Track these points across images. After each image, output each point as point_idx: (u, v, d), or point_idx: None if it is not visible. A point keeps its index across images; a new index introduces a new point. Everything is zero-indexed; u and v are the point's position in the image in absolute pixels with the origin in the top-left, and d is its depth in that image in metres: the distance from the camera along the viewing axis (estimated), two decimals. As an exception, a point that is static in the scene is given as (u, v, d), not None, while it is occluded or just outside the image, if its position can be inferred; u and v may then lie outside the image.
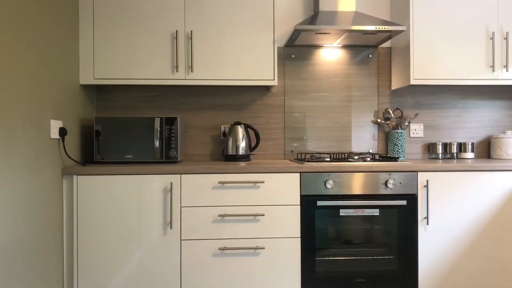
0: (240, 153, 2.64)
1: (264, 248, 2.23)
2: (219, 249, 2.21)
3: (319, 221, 2.26)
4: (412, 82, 2.55)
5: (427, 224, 2.28)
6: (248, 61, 2.50)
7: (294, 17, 2.83)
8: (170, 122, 2.42)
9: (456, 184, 2.29)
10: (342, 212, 2.27)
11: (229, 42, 2.49)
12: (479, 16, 2.56)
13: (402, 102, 2.88)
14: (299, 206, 2.25)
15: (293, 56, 2.84)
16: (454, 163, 2.33)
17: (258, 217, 2.23)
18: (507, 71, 2.57)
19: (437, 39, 2.56)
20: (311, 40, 2.69)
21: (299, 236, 2.24)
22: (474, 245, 2.29)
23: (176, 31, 2.46)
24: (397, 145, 2.76)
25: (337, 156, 2.61)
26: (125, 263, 2.18)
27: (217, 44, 2.49)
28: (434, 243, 2.28)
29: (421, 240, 2.28)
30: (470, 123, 2.90)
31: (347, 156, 2.57)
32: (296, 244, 2.24)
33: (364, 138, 2.86)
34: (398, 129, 2.79)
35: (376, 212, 2.27)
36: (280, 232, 2.24)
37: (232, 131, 2.66)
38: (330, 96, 2.85)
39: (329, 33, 2.51)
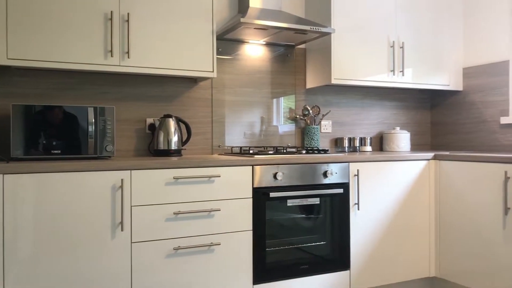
0: (173, 148, 2.50)
1: (219, 244, 2.17)
2: (173, 249, 2.07)
3: (269, 212, 2.30)
4: (333, 81, 2.79)
5: (358, 209, 2.52)
6: (188, 51, 2.39)
7: (219, 12, 2.80)
8: (104, 112, 2.15)
9: (379, 172, 2.59)
10: (290, 202, 2.35)
11: (168, 30, 2.34)
12: (383, 27, 2.94)
13: (315, 100, 3.11)
14: (251, 199, 2.25)
15: (220, 49, 2.81)
16: (377, 155, 2.63)
17: (213, 213, 2.16)
18: (403, 75, 3.01)
19: (352, 43, 2.84)
20: (240, 35, 2.71)
21: (251, 229, 2.25)
22: (392, 225, 2.62)
23: (111, 11, 2.20)
24: (313, 139, 2.97)
25: (265, 150, 2.68)
26: (66, 273, 1.86)
27: (156, 31, 2.31)
28: (363, 227, 2.54)
29: (353, 224, 2.52)
30: (367, 120, 3.30)
31: (285, 150, 2.67)
32: (249, 237, 2.24)
33: (284, 133, 3.00)
34: (312, 125, 3.00)
35: (317, 201, 2.42)
36: (235, 226, 2.21)
37: (163, 124, 2.50)
38: (254, 92, 2.91)
39: (266, 29, 2.57)
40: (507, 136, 2.94)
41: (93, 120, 2.12)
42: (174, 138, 2.50)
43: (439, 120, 3.45)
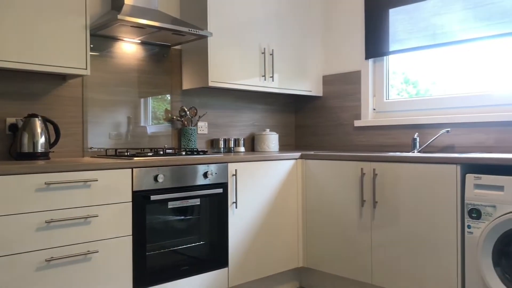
0: (39, 150, 2.28)
1: (97, 252, 2.05)
2: (45, 261, 1.89)
3: (149, 216, 2.26)
4: (211, 84, 2.85)
5: (236, 208, 2.62)
6: (55, 45, 2.21)
7: (91, 6, 2.64)
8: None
9: (255, 172, 2.72)
10: (171, 205, 2.34)
11: (38, 23, 2.13)
12: (255, 33, 3.10)
13: (191, 101, 3.13)
14: (131, 203, 2.18)
15: (92, 46, 2.65)
16: (254, 155, 2.77)
17: (90, 219, 2.03)
18: (273, 80, 3.21)
19: (227, 47, 2.94)
20: (114, 32, 2.60)
21: (131, 234, 2.18)
22: (265, 221, 2.78)
23: (-35, -5, 1.93)
24: (190, 140, 2.99)
25: (143, 152, 2.62)
26: None
27: (25, 23, 2.09)
28: (241, 224, 2.65)
29: (231, 223, 2.61)
30: (240, 122, 3.43)
31: (164, 151, 2.63)
32: (129, 243, 2.16)
33: (160, 135, 2.96)
34: (189, 126, 3.02)
35: (198, 201, 2.45)
36: (113, 232, 2.11)
37: (27, 125, 2.27)
38: (128, 91, 2.81)
39: (143, 28, 2.51)
40: (359, 137, 3.35)
41: None
42: (41, 140, 2.29)
43: (302, 122, 3.76)
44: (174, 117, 3.01)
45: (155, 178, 2.26)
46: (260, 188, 2.74)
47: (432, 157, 2.32)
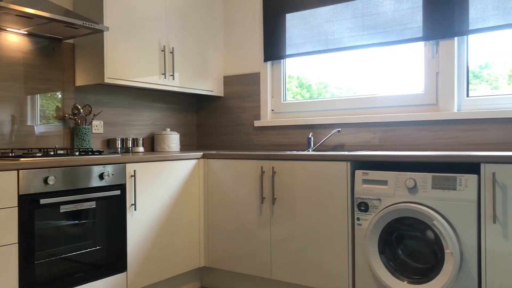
0: None
1: (-24, 263, 1.85)
2: None
3: (39, 221, 2.08)
4: (107, 81, 2.72)
5: (135, 210, 2.54)
6: None
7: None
8: None
9: (155, 172, 2.65)
10: (63, 209, 2.18)
11: None
12: (155, 30, 3.03)
13: (85, 99, 2.96)
14: (17, 208, 1.99)
15: (-32, 34, 2.38)
16: (154, 155, 2.70)
17: (-34, 227, 1.82)
18: (173, 79, 3.17)
19: (125, 43, 2.83)
20: (-4, 21, 2.36)
21: (17, 241, 1.99)
22: (166, 222, 2.73)
23: None
24: (84, 140, 2.83)
25: (30, 152, 2.42)
26: None
27: None
28: (140, 227, 2.57)
29: (130, 226, 2.51)
30: (139, 121, 3.33)
31: (55, 152, 2.44)
32: (14, 251, 1.98)
33: (50, 134, 2.75)
34: (83, 125, 2.86)
35: (93, 205, 2.32)
36: (-4, 241, 1.91)
37: None
38: (13, 86, 2.57)
39: (30, 18, 2.31)
40: (259, 137, 3.44)
41: None
42: None
43: (204, 122, 3.76)
44: (66, 115, 2.82)
45: (45, 181, 2.09)
46: (160, 189, 2.68)
47: (325, 155, 2.47)
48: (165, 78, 3.10)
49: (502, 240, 1.97)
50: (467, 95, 2.68)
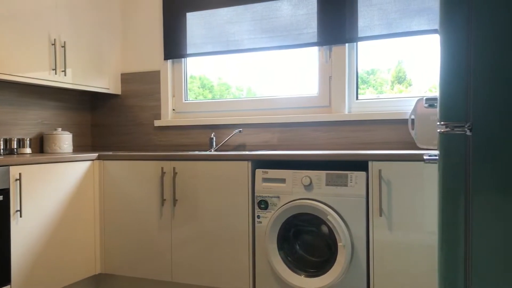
0: None
1: None
2: None
3: None
4: (-14, 74, 2.45)
5: (20, 216, 2.32)
6: None
7: None
8: None
9: (44, 175, 2.45)
10: None
11: None
12: (43, 22, 2.80)
13: (-40, 94, 2.64)
14: None
15: None
16: (43, 157, 2.49)
17: None
18: (65, 75, 2.96)
19: (8, 35, 2.58)
20: None
21: None
22: (57, 229, 2.54)
23: None
24: (-41, 141, 2.52)
25: None
26: None
27: None
28: (27, 235, 2.35)
29: (14, 234, 2.29)
30: (26, 120, 3.05)
31: None
32: None
33: None
34: (-43, 123, 2.55)
35: (-31, 212, 2.08)
36: None
37: None
38: None
39: None
40: (159, 137, 3.36)
41: None
42: None
43: (100, 122, 3.57)
44: None
45: None
46: (50, 193, 2.49)
47: (226, 155, 2.49)
48: (55, 73, 2.88)
49: (387, 231, 2.15)
50: (357, 98, 2.88)
